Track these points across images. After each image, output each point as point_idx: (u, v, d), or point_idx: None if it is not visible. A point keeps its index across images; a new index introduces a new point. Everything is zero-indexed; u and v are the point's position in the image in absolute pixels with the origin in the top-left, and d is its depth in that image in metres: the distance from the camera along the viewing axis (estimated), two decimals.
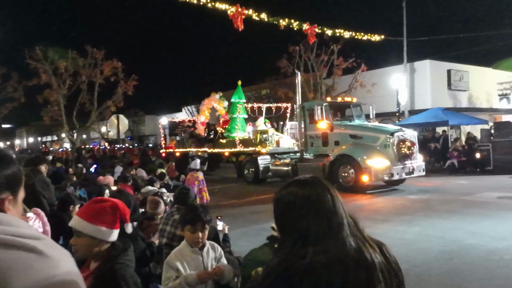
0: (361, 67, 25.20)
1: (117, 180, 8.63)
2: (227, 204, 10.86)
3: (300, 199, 1.39)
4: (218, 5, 12.63)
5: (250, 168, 15.78)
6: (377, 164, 11.52)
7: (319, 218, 1.34)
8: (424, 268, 5.19)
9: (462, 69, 26.98)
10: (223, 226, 4.00)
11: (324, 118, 13.04)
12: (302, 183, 1.45)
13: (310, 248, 1.29)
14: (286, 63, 26.86)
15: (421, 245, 6.18)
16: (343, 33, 16.01)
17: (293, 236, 1.35)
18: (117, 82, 25.88)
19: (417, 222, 7.76)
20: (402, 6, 23.89)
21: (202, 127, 20.18)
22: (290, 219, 1.38)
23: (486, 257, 5.49)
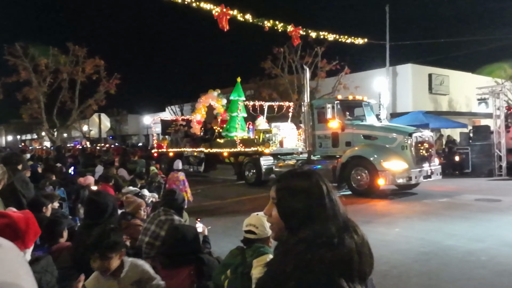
0: (344, 69, 25.47)
1: (98, 179, 8.53)
2: (209, 205, 10.81)
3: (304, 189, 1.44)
4: (203, 4, 12.58)
5: (251, 169, 14.98)
6: (395, 167, 10.81)
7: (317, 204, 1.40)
8: (403, 269, 5.26)
9: (443, 74, 27.52)
10: (203, 228, 3.98)
11: (336, 117, 12.16)
12: (302, 174, 1.52)
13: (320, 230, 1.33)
14: (270, 64, 26.95)
15: (401, 246, 6.27)
16: (327, 35, 16.12)
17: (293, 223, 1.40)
18: (99, 81, 25.60)
19: (397, 223, 7.87)
20: (385, 10, 24.24)
21: (198, 126, 19.30)
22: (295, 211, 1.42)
23: (464, 258, 5.60)
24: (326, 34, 16.11)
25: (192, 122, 19.68)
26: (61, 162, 15.39)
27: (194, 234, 2.92)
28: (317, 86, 26.37)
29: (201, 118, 19.46)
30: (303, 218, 1.40)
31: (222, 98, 19.09)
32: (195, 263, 2.80)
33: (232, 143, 15.91)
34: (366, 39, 17.34)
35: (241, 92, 17.36)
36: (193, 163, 17.71)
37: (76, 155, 24.35)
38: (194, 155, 17.66)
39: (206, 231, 4.12)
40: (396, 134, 11.46)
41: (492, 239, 6.43)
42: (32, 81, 23.47)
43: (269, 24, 14.09)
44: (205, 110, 19.53)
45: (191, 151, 17.92)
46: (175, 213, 4.12)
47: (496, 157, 15.11)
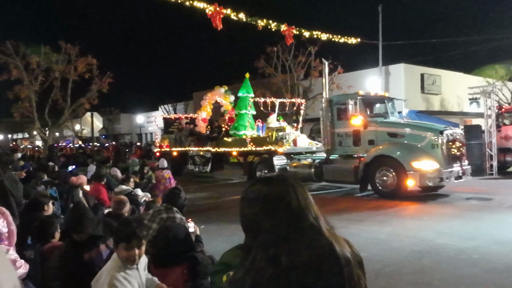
0: (337, 69, 25.55)
1: (91, 179, 8.48)
2: (202, 204, 10.79)
3: (265, 197, 1.32)
4: (196, 3, 12.55)
5: (263, 169, 14.16)
6: (425, 167, 10.08)
7: (286, 217, 1.28)
8: (395, 268, 5.30)
9: (435, 73, 27.74)
10: (195, 228, 3.97)
11: (358, 113, 11.42)
12: (266, 180, 1.40)
13: (280, 250, 1.23)
14: (264, 64, 26.96)
15: (393, 245, 6.31)
16: (320, 35, 16.16)
17: (259, 238, 1.29)
18: (92, 79, 25.43)
19: (389, 222, 7.92)
20: (378, 10, 24.35)
21: (204, 124, 18.35)
22: (255, 218, 1.32)
23: (455, 256, 5.65)
24: (319, 33, 16.15)
25: (197, 120, 18.88)
26: (53, 161, 15.28)
27: (185, 234, 2.91)
28: (310, 85, 26.45)
29: (207, 116, 18.66)
30: (253, 230, 1.31)
31: (229, 95, 18.21)
32: (188, 262, 2.79)
33: (241, 142, 15.26)
34: (359, 39, 17.44)
35: (249, 88, 16.65)
36: (199, 163, 16.92)
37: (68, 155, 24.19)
38: (200, 155, 16.82)
39: (198, 230, 4.11)
40: (426, 132, 10.72)
41: (483, 237, 6.50)
42: (24, 80, 23.26)
43: (262, 23, 14.09)
44: (210, 107, 18.72)
45: (196, 151, 17.09)
46: (177, 211, 4.08)
47: (487, 156, 15.25)
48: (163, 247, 2.86)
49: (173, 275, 2.74)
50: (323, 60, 13.43)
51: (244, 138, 15.18)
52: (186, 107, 44.53)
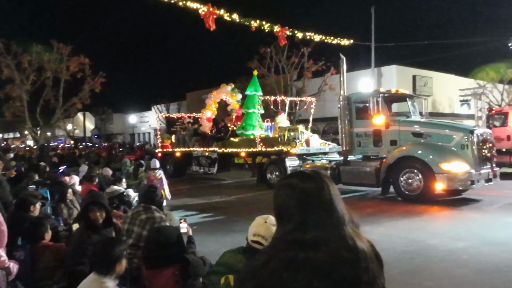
0: (330, 70, 25.65)
1: (82, 179, 8.45)
2: (195, 205, 10.78)
3: (300, 191, 1.40)
4: (190, 3, 12.55)
5: (274, 171, 13.42)
6: (455, 169, 9.42)
7: (317, 210, 1.36)
8: (386, 268, 5.22)
9: (427, 75, 27.96)
10: (187, 229, 3.96)
11: (381, 112, 10.72)
12: (303, 175, 1.48)
13: (309, 234, 1.31)
14: (257, 64, 26.97)
15: (384, 245, 6.32)
16: (313, 36, 16.22)
17: (288, 225, 1.37)
18: (84, 79, 25.30)
19: (381, 222, 7.96)
20: (370, 12, 24.49)
21: (208, 123, 17.65)
22: (289, 209, 1.40)
23: (445, 257, 5.70)
24: (313, 35, 16.22)
25: (201, 120, 18.21)
26: (45, 161, 15.18)
27: (177, 235, 2.91)
28: (304, 86, 26.54)
29: (212, 115, 18.01)
30: (285, 218, 1.39)
31: (237, 93, 17.47)
32: (180, 263, 2.80)
33: (250, 142, 14.62)
34: (352, 40, 17.51)
35: (258, 86, 15.94)
36: (204, 164, 16.14)
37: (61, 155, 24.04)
38: (205, 156, 16.03)
39: (191, 231, 4.11)
40: (454, 132, 10.05)
41: (473, 238, 6.56)
42: (15, 79, 23.07)
43: (255, 24, 14.12)
44: (216, 106, 18.04)
45: (201, 151, 16.31)
46: (156, 209, 4.06)
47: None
48: (155, 249, 2.86)
49: (164, 276, 2.74)
50: (341, 56, 12.43)
51: (253, 138, 14.55)
52: (179, 107, 44.45)
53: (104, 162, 18.04)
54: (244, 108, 15.97)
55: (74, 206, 6.18)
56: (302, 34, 15.86)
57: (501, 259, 5.49)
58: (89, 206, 3.61)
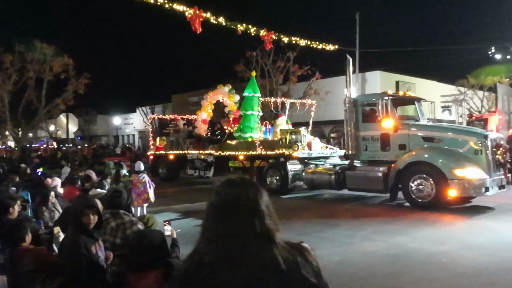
0: (315, 75, 25.88)
1: (64, 181, 8.34)
2: (179, 208, 10.74)
3: (218, 199, 1.42)
4: (176, 6, 12.52)
5: (274, 175, 13.03)
6: (470, 175, 9.06)
7: (230, 221, 1.36)
8: (368, 271, 5.40)
9: (410, 81, 28.42)
10: (172, 231, 3.94)
11: (389, 115, 10.39)
12: (227, 183, 1.48)
13: (212, 247, 1.35)
14: (243, 68, 27.05)
15: (367, 249, 6.43)
16: (299, 41, 16.34)
17: (203, 234, 1.42)
18: (68, 80, 24.99)
19: (363, 226, 8.05)
20: (355, 18, 24.82)
21: (204, 125, 17.17)
22: (205, 217, 1.44)
23: (426, 260, 5.80)
24: (298, 39, 16.34)
25: (196, 121, 17.65)
26: (26, 162, 14.92)
27: (161, 239, 2.90)
28: (289, 90, 26.70)
29: (207, 116, 17.47)
30: (205, 226, 1.43)
31: (234, 94, 17.05)
32: (163, 267, 2.79)
33: (248, 144, 14.30)
34: (337, 46, 17.70)
35: (256, 87, 15.63)
36: (200, 167, 15.71)
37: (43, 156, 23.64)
38: (201, 159, 15.58)
39: (175, 234, 4.10)
40: (468, 136, 9.72)
41: (453, 242, 6.69)
42: None
43: (242, 28, 14.15)
44: (211, 107, 17.54)
45: (197, 154, 15.86)
46: (125, 213, 3.97)
47: None
48: (139, 253, 2.85)
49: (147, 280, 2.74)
50: (347, 56, 11.83)
51: (251, 141, 14.22)
52: (165, 109, 44.22)
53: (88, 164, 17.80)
54: (242, 110, 15.59)
55: (56, 208, 6.10)
56: (287, 39, 15.97)
57: (480, 262, 5.60)
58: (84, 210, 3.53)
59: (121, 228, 3.78)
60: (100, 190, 7.49)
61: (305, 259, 1.38)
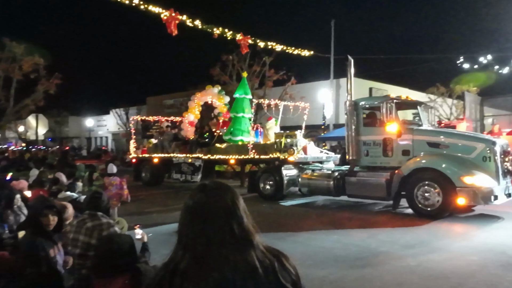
0: (291, 80, 26.12)
1: (32, 184, 8.10)
2: (152, 211, 10.60)
3: (191, 204, 1.41)
4: (152, 7, 12.42)
5: (268, 180, 12.45)
6: (479, 183, 8.67)
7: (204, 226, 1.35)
8: (339, 275, 5.46)
9: (382, 88, 29.00)
10: (142, 235, 3.88)
11: (393, 119, 9.99)
12: (201, 187, 1.47)
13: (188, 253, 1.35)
14: (219, 71, 27.04)
15: (338, 253, 6.50)
16: (275, 46, 16.47)
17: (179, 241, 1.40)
18: (38, 80, 24.37)
19: (335, 231, 8.15)
20: (330, 25, 25.20)
21: (191, 128, 16.52)
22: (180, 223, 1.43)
23: (395, 264, 5.91)
24: (274, 44, 16.46)
25: (183, 124, 17.04)
26: None
27: (130, 244, 2.85)
28: (264, 95, 26.84)
29: (195, 118, 16.88)
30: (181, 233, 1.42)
31: (224, 96, 16.54)
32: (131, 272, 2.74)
33: (238, 148, 13.77)
34: (312, 52, 17.91)
35: (247, 88, 15.13)
36: (187, 171, 15.03)
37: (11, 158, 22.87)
38: (188, 162, 14.97)
39: (146, 237, 4.03)
40: (476, 142, 9.32)
41: (421, 246, 6.85)
42: None
43: (218, 32, 14.16)
44: (199, 109, 17.00)
45: (183, 158, 15.21)
46: (103, 215, 3.92)
47: None
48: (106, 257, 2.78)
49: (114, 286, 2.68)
50: (349, 57, 11.34)
51: (244, 145, 13.65)
52: (139, 111, 43.69)
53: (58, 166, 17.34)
54: (232, 112, 15.09)
55: (22, 212, 5.90)
56: (264, 44, 16.07)
57: (446, 266, 5.75)
58: (43, 211, 3.45)
59: (97, 228, 3.72)
60: (69, 193, 7.31)
61: (282, 265, 1.37)
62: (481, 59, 18.24)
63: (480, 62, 18.30)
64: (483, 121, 19.65)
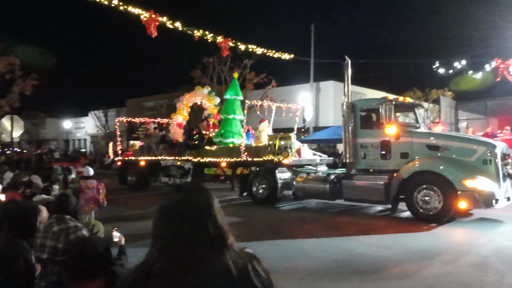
0: (271, 83, 26.25)
1: (6, 187, 7.91)
2: (130, 214, 10.48)
3: (164, 206, 1.42)
4: (131, 9, 12.32)
5: (260, 183, 12.20)
6: (481, 186, 8.52)
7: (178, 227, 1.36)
8: (317, 276, 5.52)
9: (361, 92, 29.42)
10: (120, 238, 3.84)
11: (392, 121, 9.83)
12: (175, 188, 1.48)
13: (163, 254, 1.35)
14: (199, 74, 26.98)
15: (317, 255, 6.57)
16: (255, 49, 16.51)
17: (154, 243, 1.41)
18: (14, 80, 23.86)
19: (314, 232, 8.23)
20: (310, 29, 25.47)
21: (179, 129, 16.10)
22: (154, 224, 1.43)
23: (372, 264, 6.00)
24: (255, 47, 16.51)
25: (171, 125, 16.59)
26: None
27: (104, 247, 2.82)
28: (245, 98, 26.91)
29: (183, 120, 16.46)
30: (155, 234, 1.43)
31: (214, 97, 16.22)
32: (106, 276, 2.72)
33: (229, 150, 13.46)
34: (293, 55, 18.04)
35: (238, 90, 14.86)
36: (176, 175, 14.53)
37: None
38: (177, 165, 14.47)
39: (123, 240, 4.00)
40: (476, 145, 9.16)
41: (397, 247, 6.97)
42: None
43: (198, 34, 14.13)
44: (187, 111, 16.57)
45: (172, 160, 14.72)
46: (71, 218, 3.82)
47: None
48: (81, 261, 2.75)
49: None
50: (346, 58, 11.10)
51: (235, 147, 13.38)
52: (118, 113, 43.18)
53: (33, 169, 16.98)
54: (223, 114, 14.73)
55: None
56: (244, 46, 16.10)
57: (421, 266, 5.88)
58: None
59: (64, 232, 3.60)
60: (45, 196, 7.17)
61: (254, 269, 1.37)
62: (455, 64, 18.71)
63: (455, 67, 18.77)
64: (458, 124, 20.14)
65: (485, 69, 18.09)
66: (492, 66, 17.69)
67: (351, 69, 11.35)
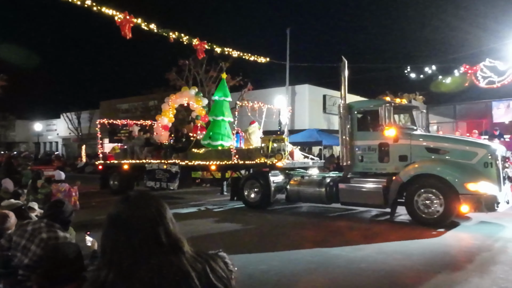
0: (247, 86, 26.31)
1: None
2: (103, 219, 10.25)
3: (110, 216, 1.40)
4: (105, 10, 12.16)
5: (253, 187, 11.85)
6: (483, 190, 8.36)
7: (122, 238, 1.34)
8: (293, 278, 5.57)
9: (335, 95, 29.85)
10: (92, 242, 3.77)
11: (391, 124, 9.61)
12: (122, 198, 1.45)
13: (112, 269, 1.31)
14: (175, 76, 26.79)
15: (292, 257, 6.62)
16: (231, 52, 16.56)
17: (103, 256, 1.37)
18: None
19: (289, 236, 8.29)
20: (286, 33, 25.67)
21: (165, 132, 15.66)
22: (104, 235, 1.40)
23: (346, 265, 6.09)
24: (231, 50, 16.56)
25: (156, 127, 16.07)
26: None
27: (76, 253, 2.78)
28: None
29: (169, 122, 16.02)
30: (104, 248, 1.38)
31: (202, 98, 15.75)
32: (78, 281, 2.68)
33: (219, 153, 13.07)
34: (268, 59, 18.18)
35: (227, 91, 14.44)
36: (162, 178, 13.95)
37: None
38: (163, 169, 13.95)
39: (96, 245, 3.93)
40: (477, 148, 8.97)
41: (370, 248, 7.10)
42: None
43: (174, 36, 14.07)
44: (173, 112, 16.19)
45: (157, 164, 14.14)
46: (60, 228, 3.71)
47: None
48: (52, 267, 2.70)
49: None
50: (343, 58, 10.69)
51: (225, 149, 13.01)
52: (92, 116, 42.40)
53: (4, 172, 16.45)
54: (211, 115, 14.36)
55: None
56: (220, 49, 16.12)
57: (393, 266, 6.01)
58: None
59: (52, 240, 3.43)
60: (14, 201, 6.96)
61: (212, 269, 1.38)
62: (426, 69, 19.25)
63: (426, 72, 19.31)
64: (429, 128, 20.68)
65: (454, 74, 18.69)
66: (460, 71, 18.30)
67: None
